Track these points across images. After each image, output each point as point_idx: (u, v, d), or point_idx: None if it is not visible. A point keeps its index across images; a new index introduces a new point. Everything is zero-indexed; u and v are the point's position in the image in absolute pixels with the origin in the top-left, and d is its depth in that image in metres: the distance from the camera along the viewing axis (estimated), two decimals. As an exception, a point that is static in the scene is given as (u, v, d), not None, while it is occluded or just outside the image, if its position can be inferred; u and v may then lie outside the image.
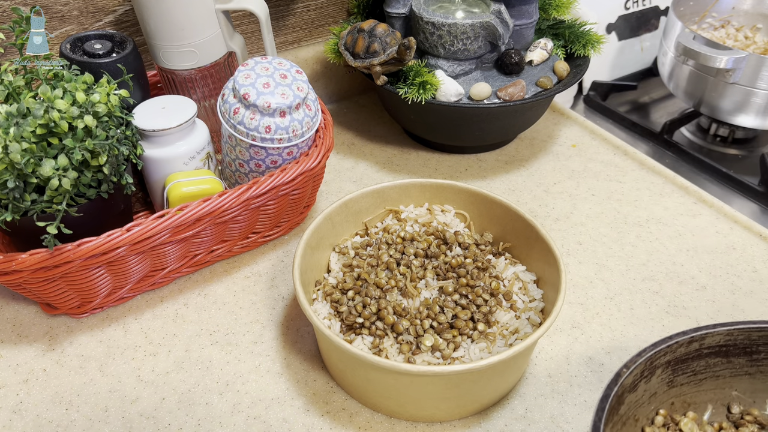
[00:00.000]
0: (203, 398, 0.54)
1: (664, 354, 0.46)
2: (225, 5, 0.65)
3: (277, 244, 0.69)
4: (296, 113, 0.61)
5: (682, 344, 0.47)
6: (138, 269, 0.59)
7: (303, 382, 0.55)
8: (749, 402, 0.51)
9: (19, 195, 0.49)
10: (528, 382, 0.56)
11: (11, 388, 0.55)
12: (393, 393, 0.49)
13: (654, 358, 0.45)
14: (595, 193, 0.77)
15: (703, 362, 0.49)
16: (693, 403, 0.51)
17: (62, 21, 0.69)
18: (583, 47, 0.80)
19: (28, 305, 0.62)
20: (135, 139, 0.59)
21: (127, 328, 0.60)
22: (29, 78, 0.55)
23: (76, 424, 0.52)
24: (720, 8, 0.95)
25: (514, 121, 0.78)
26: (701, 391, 0.50)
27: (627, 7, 0.98)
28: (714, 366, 0.49)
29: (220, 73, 0.70)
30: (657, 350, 0.45)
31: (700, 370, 0.49)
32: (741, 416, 0.51)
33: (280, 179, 0.60)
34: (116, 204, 0.58)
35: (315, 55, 0.88)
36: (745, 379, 0.50)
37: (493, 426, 0.52)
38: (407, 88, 0.71)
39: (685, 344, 0.47)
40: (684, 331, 0.47)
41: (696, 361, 0.49)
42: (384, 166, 0.81)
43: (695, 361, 0.49)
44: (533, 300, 0.56)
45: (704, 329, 0.47)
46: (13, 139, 0.48)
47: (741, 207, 0.78)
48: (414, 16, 0.74)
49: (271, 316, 0.61)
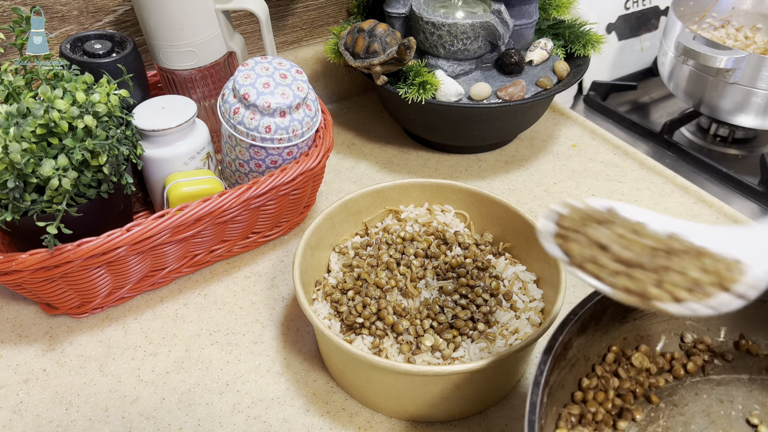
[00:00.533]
0: (203, 398, 0.54)
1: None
2: (225, 5, 0.65)
3: (277, 244, 0.69)
4: (296, 113, 0.61)
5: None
6: (138, 269, 0.59)
7: (303, 382, 0.55)
8: (703, 330, 0.51)
9: (19, 195, 0.49)
10: (528, 382, 0.56)
11: (11, 388, 0.55)
12: (393, 393, 0.50)
13: (605, 299, 0.45)
14: (595, 193, 0.77)
15: None
16: (646, 336, 0.50)
17: (62, 21, 0.69)
18: (583, 47, 0.80)
19: (28, 305, 0.62)
20: (135, 139, 0.59)
21: (127, 328, 0.60)
22: (29, 78, 0.55)
23: (76, 424, 0.52)
24: (720, 8, 0.95)
25: (514, 121, 0.78)
26: (654, 323, 0.50)
27: (627, 7, 0.98)
28: None
29: (220, 73, 0.70)
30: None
31: None
32: (694, 345, 0.50)
33: (280, 179, 0.60)
34: (116, 204, 0.58)
35: (315, 55, 0.88)
36: None
37: (493, 426, 0.52)
38: (407, 88, 0.71)
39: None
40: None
41: None
42: (384, 166, 0.81)
43: None
44: (533, 300, 0.56)
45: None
46: (13, 139, 0.48)
47: (741, 207, 0.78)
48: (414, 16, 0.74)
49: (271, 316, 0.61)
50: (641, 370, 0.49)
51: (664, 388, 0.50)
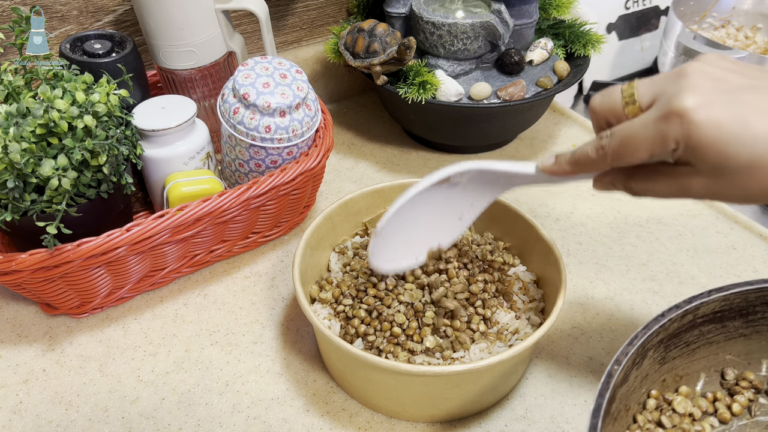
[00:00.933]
0: (203, 398, 0.54)
1: (657, 335, 0.43)
2: (225, 5, 0.65)
3: (277, 244, 0.69)
4: (296, 113, 0.61)
5: (674, 320, 0.43)
6: (138, 269, 0.59)
7: (303, 382, 0.55)
8: (744, 365, 0.48)
9: (19, 195, 0.49)
10: (528, 382, 0.56)
11: (11, 388, 0.55)
12: (393, 393, 0.49)
13: (646, 342, 0.42)
14: (595, 193, 0.77)
15: (696, 332, 0.46)
16: (685, 375, 0.47)
17: (62, 21, 0.69)
18: (583, 47, 0.79)
19: (28, 305, 0.62)
20: (135, 139, 0.59)
21: (126, 328, 0.60)
22: (29, 78, 0.55)
23: (76, 424, 0.52)
24: (720, 8, 0.95)
25: (514, 121, 0.78)
26: (693, 361, 0.47)
27: (627, 6, 0.98)
28: (707, 333, 0.46)
29: (220, 73, 0.69)
30: (649, 333, 0.42)
31: (693, 340, 0.46)
32: (736, 382, 0.48)
33: (280, 179, 0.60)
34: (116, 204, 0.58)
35: (315, 55, 0.87)
36: (740, 341, 0.48)
37: (493, 426, 0.52)
38: (407, 87, 0.71)
39: (677, 319, 0.43)
40: (677, 305, 0.43)
41: (689, 332, 0.45)
42: (384, 166, 0.81)
43: (688, 333, 0.45)
44: (533, 300, 0.56)
45: (698, 299, 0.44)
46: (12, 139, 0.48)
47: (741, 207, 0.78)
48: (414, 15, 0.74)
49: (271, 316, 0.61)
50: (685, 415, 0.46)
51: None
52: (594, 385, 0.55)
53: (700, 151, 0.35)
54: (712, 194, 0.37)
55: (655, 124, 0.36)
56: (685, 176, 0.37)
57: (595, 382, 0.56)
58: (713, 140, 0.34)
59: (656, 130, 0.36)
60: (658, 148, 0.36)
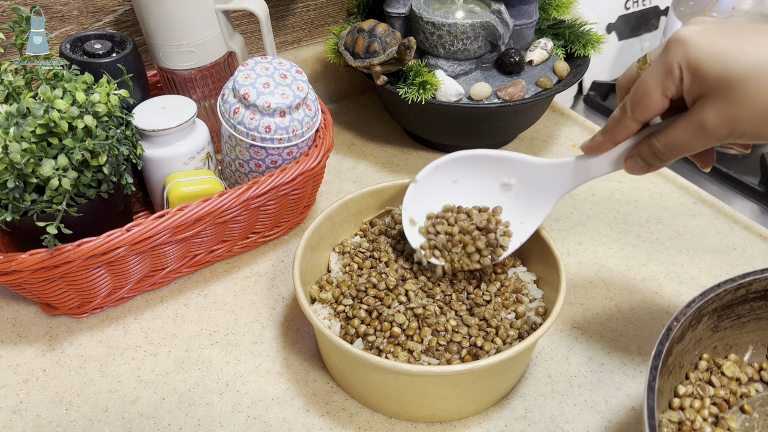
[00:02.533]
0: (203, 398, 0.54)
1: (712, 302, 0.47)
2: (225, 5, 0.65)
3: (277, 244, 0.69)
4: (296, 113, 0.61)
5: (729, 291, 0.48)
6: (138, 269, 0.59)
7: (303, 382, 0.55)
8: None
9: (19, 195, 0.49)
10: (528, 382, 0.56)
11: (11, 388, 0.55)
12: (393, 393, 0.49)
13: (702, 307, 0.46)
14: (595, 193, 0.77)
15: (748, 306, 0.50)
16: (735, 345, 0.52)
17: (62, 21, 0.69)
18: (583, 47, 0.80)
19: (28, 305, 0.62)
20: (135, 139, 0.59)
21: (127, 328, 0.60)
22: (29, 78, 0.55)
23: (76, 424, 0.52)
24: (720, 8, 0.95)
25: (514, 121, 0.78)
26: (743, 333, 0.52)
27: (627, 7, 0.98)
28: (758, 309, 0.51)
29: (220, 73, 0.70)
30: (705, 300, 0.46)
31: (744, 313, 0.51)
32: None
33: (280, 179, 0.60)
34: (116, 204, 0.58)
35: (315, 55, 0.87)
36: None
37: (493, 426, 0.52)
38: (407, 88, 0.71)
39: (732, 291, 0.48)
40: (732, 278, 0.48)
41: (741, 306, 0.50)
42: (384, 166, 0.81)
43: (740, 306, 0.50)
44: (533, 300, 0.56)
45: (752, 275, 0.48)
46: (13, 139, 0.48)
47: (741, 207, 0.78)
48: (414, 16, 0.74)
49: (271, 316, 0.61)
50: (732, 378, 0.50)
51: (756, 398, 0.51)
52: (594, 385, 0.55)
53: (701, 69, 0.38)
54: (728, 120, 0.38)
55: (658, 59, 0.40)
56: (698, 111, 0.39)
57: (596, 382, 0.56)
58: (712, 53, 0.37)
59: (660, 62, 0.40)
60: (666, 80, 0.39)
